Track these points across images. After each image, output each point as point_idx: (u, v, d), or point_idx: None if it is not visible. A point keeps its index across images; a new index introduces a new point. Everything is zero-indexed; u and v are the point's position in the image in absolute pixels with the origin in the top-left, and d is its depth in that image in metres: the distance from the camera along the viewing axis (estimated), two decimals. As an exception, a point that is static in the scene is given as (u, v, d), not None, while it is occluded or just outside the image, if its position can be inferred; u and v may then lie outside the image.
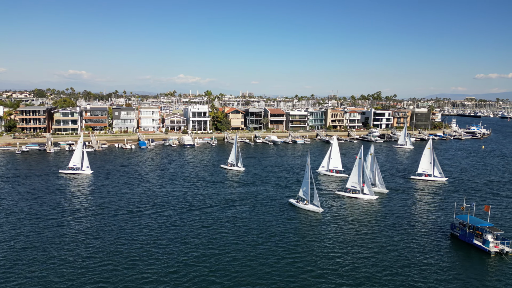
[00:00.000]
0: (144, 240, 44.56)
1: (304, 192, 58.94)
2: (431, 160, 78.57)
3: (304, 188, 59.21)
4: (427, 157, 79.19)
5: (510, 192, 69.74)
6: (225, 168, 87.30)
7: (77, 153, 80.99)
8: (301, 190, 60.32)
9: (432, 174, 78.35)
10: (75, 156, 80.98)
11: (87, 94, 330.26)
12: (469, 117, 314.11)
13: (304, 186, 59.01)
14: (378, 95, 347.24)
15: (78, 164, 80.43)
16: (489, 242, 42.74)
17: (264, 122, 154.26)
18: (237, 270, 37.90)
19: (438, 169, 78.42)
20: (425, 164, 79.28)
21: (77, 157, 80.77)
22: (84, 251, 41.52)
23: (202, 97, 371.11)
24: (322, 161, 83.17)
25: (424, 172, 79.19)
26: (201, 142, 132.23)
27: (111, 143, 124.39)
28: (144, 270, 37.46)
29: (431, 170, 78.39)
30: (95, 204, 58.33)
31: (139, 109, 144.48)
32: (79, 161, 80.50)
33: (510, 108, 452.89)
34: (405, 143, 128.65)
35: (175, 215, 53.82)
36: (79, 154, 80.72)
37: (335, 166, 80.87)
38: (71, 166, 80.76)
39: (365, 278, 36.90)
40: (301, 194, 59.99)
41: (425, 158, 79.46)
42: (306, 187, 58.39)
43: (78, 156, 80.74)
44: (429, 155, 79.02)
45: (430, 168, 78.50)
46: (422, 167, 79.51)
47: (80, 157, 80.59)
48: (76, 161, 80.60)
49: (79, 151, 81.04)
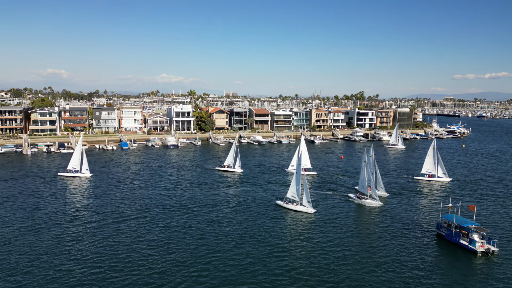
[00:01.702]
0: (132, 242, 42.85)
1: (293, 193, 57.97)
2: (435, 160, 77.72)
3: (293, 189, 58.15)
4: (431, 157, 78.30)
5: (489, 190, 70.78)
6: (220, 170, 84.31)
7: (76, 155, 77.00)
8: (289, 191, 59.08)
9: (436, 175, 77.72)
10: (74, 158, 76.96)
11: (66, 94, 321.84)
12: (449, 117, 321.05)
13: (294, 186, 58.01)
14: (361, 95, 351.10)
15: (77, 167, 76.49)
16: (475, 242, 42.86)
17: (249, 122, 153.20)
18: (223, 270, 36.77)
19: (442, 169, 77.69)
20: (429, 164, 78.51)
21: (76, 159, 76.75)
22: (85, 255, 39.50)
23: (185, 97, 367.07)
24: (291, 160, 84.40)
25: (428, 173, 78.38)
26: (185, 142, 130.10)
27: (92, 144, 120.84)
28: (130, 272, 35.89)
29: (435, 170, 77.86)
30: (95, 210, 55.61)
31: (120, 109, 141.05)
32: (78, 163, 76.53)
33: (488, 107, 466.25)
34: (396, 143, 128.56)
35: (156, 215, 52.13)
36: (78, 156, 76.73)
37: (304, 164, 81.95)
38: (69, 169, 76.85)
39: (348, 277, 36.39)
40: (289, 195, 58.74)
41: (429, 158, 78.50)
42: (296, 188, 57.39)
43: (77, 157, 76.75)
44: (433, 155, 78.07)
45: (434, 168, 77.83)
46: (426, 167, 78.75)
47: (79, 159, 76.60)
48: (75, 163, 76.60)
49: (78, 153, 76.95)
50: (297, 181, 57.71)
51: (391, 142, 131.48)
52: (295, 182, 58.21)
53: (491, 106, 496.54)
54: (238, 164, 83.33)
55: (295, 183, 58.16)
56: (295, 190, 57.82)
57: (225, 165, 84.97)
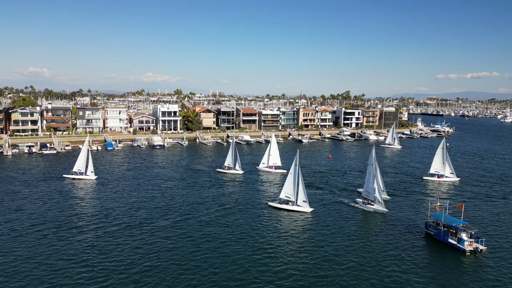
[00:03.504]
0: (123, 244, 41.65)
1: (287, 193, 57.38)
2: (444, 160, 77.37)
3: (287, 189, 57.51)
4: (440, 156, 77.69)
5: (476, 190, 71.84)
6: (221, 172, 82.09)
7: (81, 156, 74.49)
8: (282, 191, 58.28)
9: (444, 175, 77.30)
10: (79, 160, 74.47)
11: (48, 93, 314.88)
12: (433, 116, 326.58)
13: (288, 186, 57.41)
14: (347, 94, 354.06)
15: (82, 169, 74.10)
16: (464, 241, 43.11)
17: (236, 121, 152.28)
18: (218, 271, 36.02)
19: (450, 169, 77.26)
20: (437, 164, 77.84)
21: (81, 160, 74.28)
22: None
23: (171, 96, 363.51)
24: (262, 158, 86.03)
25: (437, 173, 77.83)
26: (172, 142, 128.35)
27: (75, 145, 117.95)
28: (120, 272, 34.75)
29: (444, 170, 77.35)
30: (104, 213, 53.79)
31: (105, 109, 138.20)
32: (83, 165, 74.11)
33: (470, 107, 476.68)
34: (393, 143, 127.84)
35: (147, 218, 50.93)
36: (84, 158, 74.25)
37: (274, 162, 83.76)
38: (74, 171, 74.55)
39: (335, 277, 36.14)
40: (283, 196, 57.98)
41: (437, 158, 77.87)
42: (293, 187, 56.76)
43: (82, 159, 74.24)
44: (442, 154, 77.64)
45: (442, 168, 77.38)
46: (435, 167, 78.09)
47: (85, 160, 74.16)
48: (81, 165, 74.19)
49: (84, 154, 74.38)
50: (294, 180, 57.01)
51: (387, 142, 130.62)
52: (289, 182, 57.57)
53: (473, 105, 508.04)
54: (239, 165, 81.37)
55: (289, 182, 57.50)
56: (289, 190, 57.19)
57: (225, 166, 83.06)
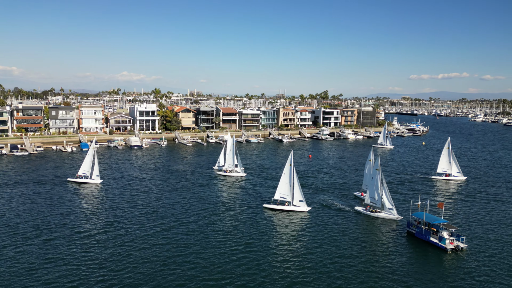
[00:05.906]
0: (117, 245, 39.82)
1: (282, 194, 56.94)
2: (450, 159, 78.12)
3: (281, 190, 57.02)
4: (446, 156, 78.39)
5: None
6: (222, 174, 79.52)
7: (87, 159, 71.20)
8: (277, 192, 57.50)
9: (452, 173, 77.91)
10: (85, 163, 71.18)
11: (18, 92, 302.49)
12: (407, 115, 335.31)
13: (283, 187, 56.96)
14: (325, 94, 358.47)
15: (87, 172, 70.83)
16: (445, 239, 43.80)
17: (216, 121, 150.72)
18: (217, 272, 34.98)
19: (456, 168, 78.03)
20: (444, 163, 78.68)
21: (87, 164, 71.03)
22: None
23: (148, 95, 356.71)
24: (218, 158, 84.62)
25: (444, 172, 78.48)
26: (150, 143, 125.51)
27: (48, 146, 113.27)
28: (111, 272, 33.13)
29: (450, 169, 77.97)
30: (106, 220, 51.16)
31: (79, 108, 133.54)
32: (89, 168, 70.87)
33: (442, 106, 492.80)
34: (385, 143, 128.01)
35: (135, 224, 49.16)
36: (89, 160, 70.99)
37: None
38: (80, 174, 71.18)
39: (319, 277, 35.99)
40: (277, 197, 57.27)
41: (444, 157, 78.63)
42: (287, 187, 56.35)
43: (88, 162, 70.99)
44: (447, 154, 78.30)
45: (449, 167, 78.03)
46: (442, 166, 78.78)
47: (91, 163, 70.91)
48: (86, 169, 70.90)
49: (90, 157, 71.03)
50: (289, 180, 56.54)
51: (379, 142, 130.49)
52: (284, 182, 57.04)
53: (445, 105, 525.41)
54: (241, 167, 79.34)
55: (284, 183, 56.96)
56: (285, 190, 56.72)
57: (226, 169, 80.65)
